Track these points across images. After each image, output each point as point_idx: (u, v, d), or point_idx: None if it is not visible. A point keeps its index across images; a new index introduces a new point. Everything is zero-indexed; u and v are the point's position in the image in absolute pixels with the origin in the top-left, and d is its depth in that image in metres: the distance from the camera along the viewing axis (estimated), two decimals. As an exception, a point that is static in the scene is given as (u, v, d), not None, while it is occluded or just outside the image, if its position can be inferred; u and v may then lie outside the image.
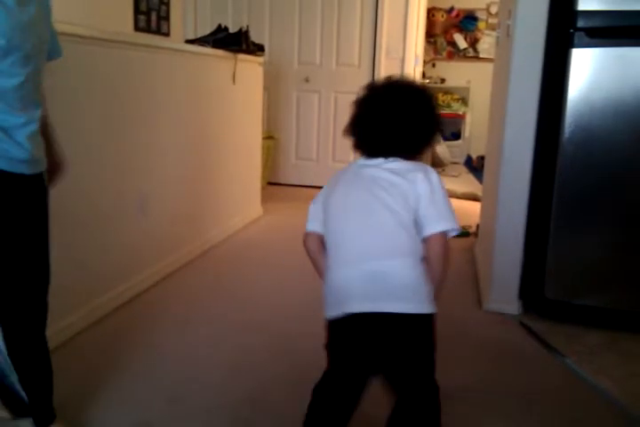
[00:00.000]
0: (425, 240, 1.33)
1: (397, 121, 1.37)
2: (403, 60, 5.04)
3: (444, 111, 7.01)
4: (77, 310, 2.29)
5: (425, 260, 1.35)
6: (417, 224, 1.33)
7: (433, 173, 1.38)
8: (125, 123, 2.58)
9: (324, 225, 1.42)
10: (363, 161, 1.42)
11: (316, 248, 1.44)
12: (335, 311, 1.33)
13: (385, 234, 1.33)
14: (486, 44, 7.04)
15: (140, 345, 2.23)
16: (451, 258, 1.39)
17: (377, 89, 1.44)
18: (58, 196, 2.17)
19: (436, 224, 1.33)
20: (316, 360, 1.44)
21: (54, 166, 1.69)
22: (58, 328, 2.18)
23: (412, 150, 1.42)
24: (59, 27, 2.07)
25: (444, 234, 1.34)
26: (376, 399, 1.41)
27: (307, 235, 1.47)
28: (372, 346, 1.34)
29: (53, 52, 1.67)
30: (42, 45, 1.52)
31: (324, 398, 1.41)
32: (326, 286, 1.38)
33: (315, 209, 1.47)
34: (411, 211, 1.32)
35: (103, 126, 2.42)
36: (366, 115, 1.41)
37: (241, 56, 3.68)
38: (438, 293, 1.39)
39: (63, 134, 2.18)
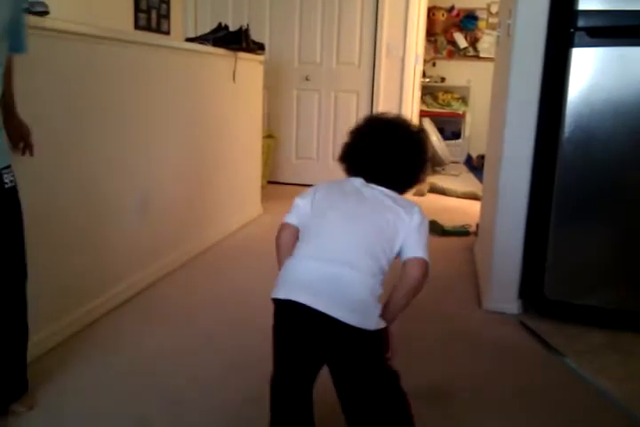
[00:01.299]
0: (406, 262, 1.38)
1: (396, 158, 1.47)
2: (403, 59, 5.04)
3: (444, 110, 7.02)
4: (76, 310, 2.29)
5: (394, 284, 1.39)
6: (400, 250, 1.39)
7: (422, 213, 1.45)
8: (125, 121, 2.57)
9: (308, 218, 1.47)
10: (364, 182, 1.48)
11: (289, 241, 1.50)
12: (282, 295, 1.38)
13: (361, 247, 1.36)
14: (486, 43, 7.04)
15: (140, 344, 2.23)
16: (420, 291, 1.41)
17: (378, 125, 1.54)
18: (56, 195, 2.17)
19: (422, 251, 1.39)
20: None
21: (17, 131, 1.77)
22: (56, 328, 2.18)
23: (405, 185, 1.52)
24: (59, 25, 2.08)
25: (425, 262, 1.38)
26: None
27: (285, 226, 1.54)
28: (307, 337, 1.38)
29: (17, 46, 1.66)
30: None
31: (276, 394, 1.52)
32: (285, 270, 1.42)
33: (302, 204, 1.52)
34: (397, 240, 1.38)
35: (102, 124, 2.41)
36: (367, 148, 1.49)
37: (241, 55, 3.67)
38: (394, 315, 1.40)
39: (62, 133, 2.19)
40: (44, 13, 2.00)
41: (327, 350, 1.36)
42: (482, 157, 5.56)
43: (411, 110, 5.20)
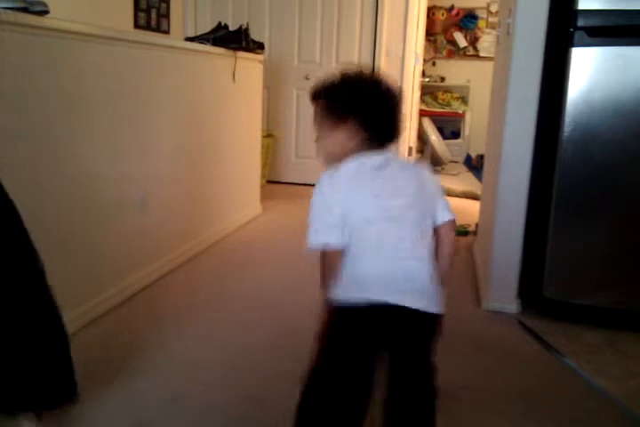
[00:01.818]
0: (440, 229, 1.43)
1: (394, 114, 1.44)
2: (403, 59, 5.04)
3: (444, 110, 7.02)
4: (76, 308, 2.29)
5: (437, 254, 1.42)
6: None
7: (427, 168, 1.48)
8: (124, 121, 2.58)
9: (350, 228, 1.34)
10: (367, 160, 1.38)
11: (338, 263, 1.36)
12: (354, 297, 1.32)
13: (414, 235, 1.37)
14: (486, 42, 7.04)
15: (139, 343, 2.23)
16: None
17: (363, 86, 1.44)
18: (56, 194, 2.17)
19: (448, 212, 1.44)
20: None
21: None
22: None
23: (397, 137, 1.48)
24: (59, 24, 2.08)
25: (454, 222, 1.45)
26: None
27: (329, 250, 1.36)
28: (383, 336, 1.37)
29: None
30: None
31: (328, 398, 1.36)
32: (351, 272, 1.34)
33: (331, 217, 1.35)
34: (430, 211, 1.41)
35: (102, 123, 2.41)
36: (373, 110, 1.41)
37: (241, 54, 3.67)
38: (448, 281, 1.44)
39: (60, 132, 2.19)
40: (44, 13, 2.00)
41: (398, 340, 1.38)
42: (481, 157, 5.56)
43: (410, 110, 5.20)
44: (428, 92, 6.99)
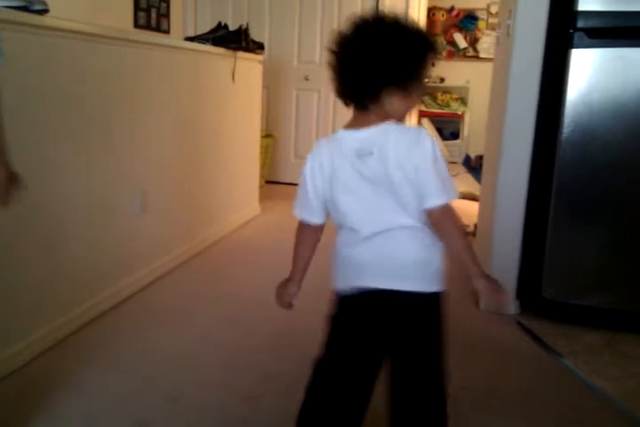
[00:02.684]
0: (429, 214, 1.23)
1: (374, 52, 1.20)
2: (402, 60, 5.03)
3: (443, 111, 7.02)
4: (74, 309, 2.29)
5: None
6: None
7: (427, 135, 1.24)
8: (123, 120, 2.57)
9: (330, 205, 1.32)
10: (346, 133, 1.28)
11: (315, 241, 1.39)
12: (345, 286, 1.30)
13: (384, 208, 1.25)
14: (486, 43, 7.04)
15: (138, 343, 2.23)
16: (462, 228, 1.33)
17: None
18: (56, 193, 2.17)
19: (441, 194, 1.22)
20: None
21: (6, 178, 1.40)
22: (54, 326, 2.18)
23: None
24: (59, 23, 2.08)
25: (447, 207, 1.23)
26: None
27: (309, 225, 1.37)
28: (378, 323, 1.30)
29: None
30: None
31: (327, 387, 1.34)
32: (340, 259, 1.33)
33: (306, 193, 1.36)
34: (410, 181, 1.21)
35: (100, 124, 2.41)
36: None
37: (240, 54, 3.67)
38: (471, 259, 1.26)
39: (61, 131, 2.19)
40: (44, 12, 2.00)
41: (392, 327, 1.29)
42: (480, 158, 5.55)
43: (410, 110, 5.20)
44: (427, 92, 6.98)
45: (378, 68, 1.18)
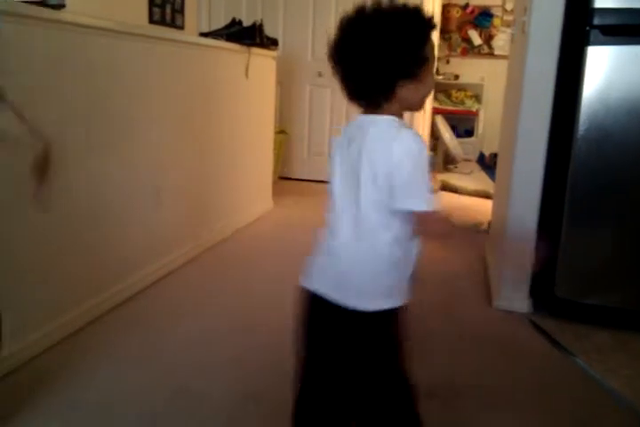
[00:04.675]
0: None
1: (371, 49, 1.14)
2: (416, 56, 5.02)
3: (458, 108, 6.99)
4: (85, 303, 2.31)
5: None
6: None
7: (410, 137, 1.15)
8: (138, 116, 2.59)
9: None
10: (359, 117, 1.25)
11: None
12: (303, 282, 1.34)
13: (355, 214, 1.19)
14: (501, 40, 7.00)
15: (147, 338, 2.24)
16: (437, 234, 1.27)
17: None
18: (67, 189, 2.18)
19: (415, 200, 1.14)
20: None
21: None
22: (63, 321, 2.19)
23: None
24: (75, 18, 2.09)
25: (424, 215, 1.15)
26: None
27: None
28: (324, 327, 1.32)
29: None
30: None
31: (306, 379, 1.42)
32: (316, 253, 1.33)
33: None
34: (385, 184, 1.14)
35: (115, 119, 2.43)
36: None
37: (254, 50, 3.68)
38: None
39: (74, 127, 2.20)
40: (60, 6, 2.01)
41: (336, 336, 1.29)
42: (495, 155, 5.53)
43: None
44: (441, 89, 6.96)
45: (385, 64, 1.13)
